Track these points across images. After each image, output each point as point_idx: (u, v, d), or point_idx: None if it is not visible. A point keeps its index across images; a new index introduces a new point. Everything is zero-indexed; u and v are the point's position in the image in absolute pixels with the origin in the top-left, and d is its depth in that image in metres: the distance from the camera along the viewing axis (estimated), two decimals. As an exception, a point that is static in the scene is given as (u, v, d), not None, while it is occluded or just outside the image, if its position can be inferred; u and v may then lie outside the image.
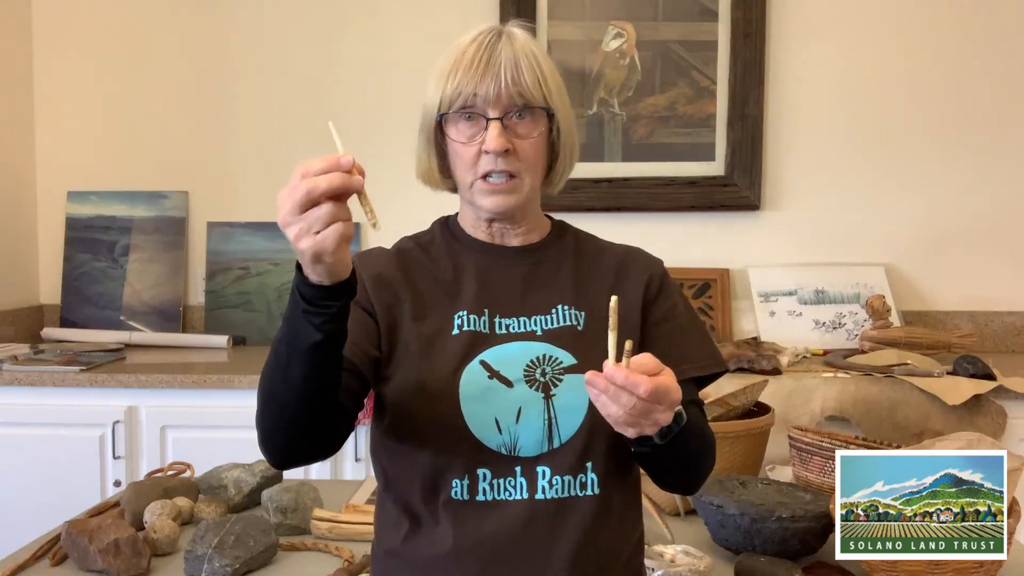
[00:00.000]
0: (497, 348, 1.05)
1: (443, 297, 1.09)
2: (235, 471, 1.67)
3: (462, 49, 1.07)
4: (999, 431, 2.15)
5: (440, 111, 1.08)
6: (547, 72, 1.08)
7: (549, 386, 1.03)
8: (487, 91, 1.04)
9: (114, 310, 2.85)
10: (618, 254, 1.17)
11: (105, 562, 1.30)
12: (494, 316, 1.08)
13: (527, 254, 1.13)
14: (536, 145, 1.07)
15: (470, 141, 1.06)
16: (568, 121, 1.12)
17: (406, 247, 1.15)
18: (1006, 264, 2.76)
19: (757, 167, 2.76)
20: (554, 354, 1.05)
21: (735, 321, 2.76)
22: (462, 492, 1.02)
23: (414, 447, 1.03)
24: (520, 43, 1.07)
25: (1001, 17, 2.73)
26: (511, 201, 1.07)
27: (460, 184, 1.11)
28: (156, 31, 2.90)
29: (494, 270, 1.11)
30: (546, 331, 1.07)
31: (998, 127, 2.74)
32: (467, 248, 1.13)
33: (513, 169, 1.06)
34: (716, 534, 1.43)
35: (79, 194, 2.91)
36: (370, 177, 0.92)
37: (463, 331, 1.05)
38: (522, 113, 1.06)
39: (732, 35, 2.75)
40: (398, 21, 2.83)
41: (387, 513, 1.09)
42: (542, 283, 1.11)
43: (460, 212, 1.17)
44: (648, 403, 0.86)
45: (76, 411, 2.30)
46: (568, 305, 1.10)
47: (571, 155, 1.15)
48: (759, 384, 1.79)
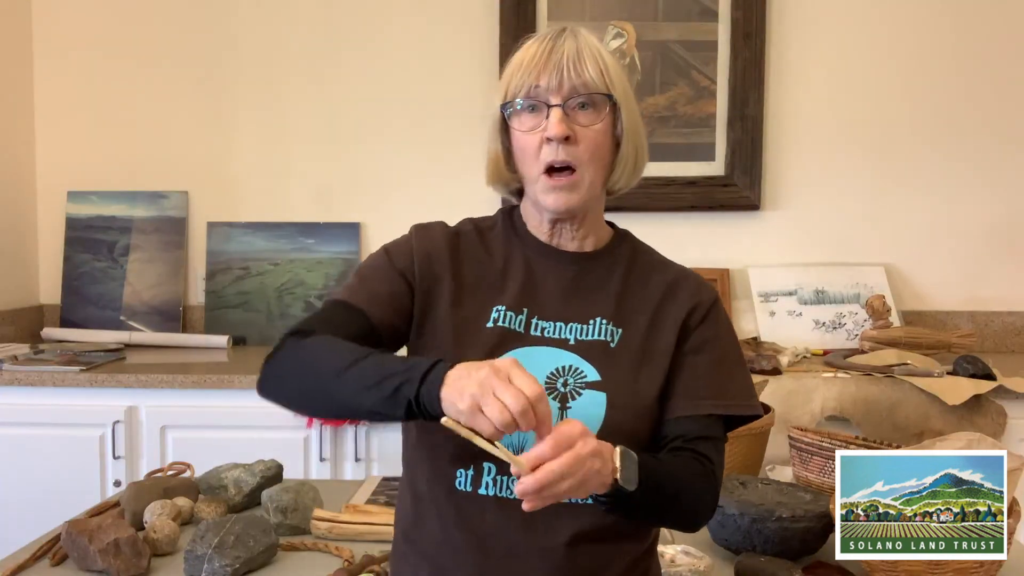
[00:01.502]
0: (526, 349, 1.05)
1: (486, 288, 1.09)
2: (235, 471, 1.67)
3: (527, 47, 1.08)
4: (999, 431, 2.15)
5: (504, 102, 1.08)
6: (611, 65, 1.07)
7: (568, 398, 1.03)
8: (549, 81, 1.04)
9: (114, 310, 2.85)
10: (671, 274, 1.14)
11: (105, 562, 1.30)
12: (532, 316, 1.07)
13: (579, 260, 1.12)
14: (598, 135, 1.06)
15: (532, 131, 1.06)
16: (634, 117, 1.10)
17: (465, 229, 1.15)
18: (1006, 264, 2.76)
19: (757, 167, 2.76)
20: (580, 366, 1.04)
21: (735, 321, 2.76)
22: (466, 483, 1.02)
23: (428, 429, 1.01)
24: (584, 38, 1.07)
25: (1001, 17, 2.73)
26: (572, 200, 1.06)
27: (526, 179, 1.10)
28: (156, 31, 2.90)
29: (542, 270, 1.11)
30: (579, 342, 1.06)
31: (998, 127, 2.74)
32: (524, 243, 1.13)
33: (574, 160, 1.05)
34: (716, 534, 1.43)
35: (79, 194, 2.91)
36: (367, 176, 0.91)
37: (497, 326, 1.05)
38: (584, 104, 1.05)
39: (732, 35, 2.75)
40: (398, 22, 2.83)
41: (403, 494, 1.11)
42: (586, 292, 1.10)
43: (524, 207, 1.16)
44: (584, 469, 0.88)
45: (76, 411, 2.30)
46: (606, 319, 1.08)
47: (637, 153, 1.12)
48: (759, 384, 1.79)
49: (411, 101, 2.82)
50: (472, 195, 1.74)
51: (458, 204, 1.68)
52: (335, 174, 2.85)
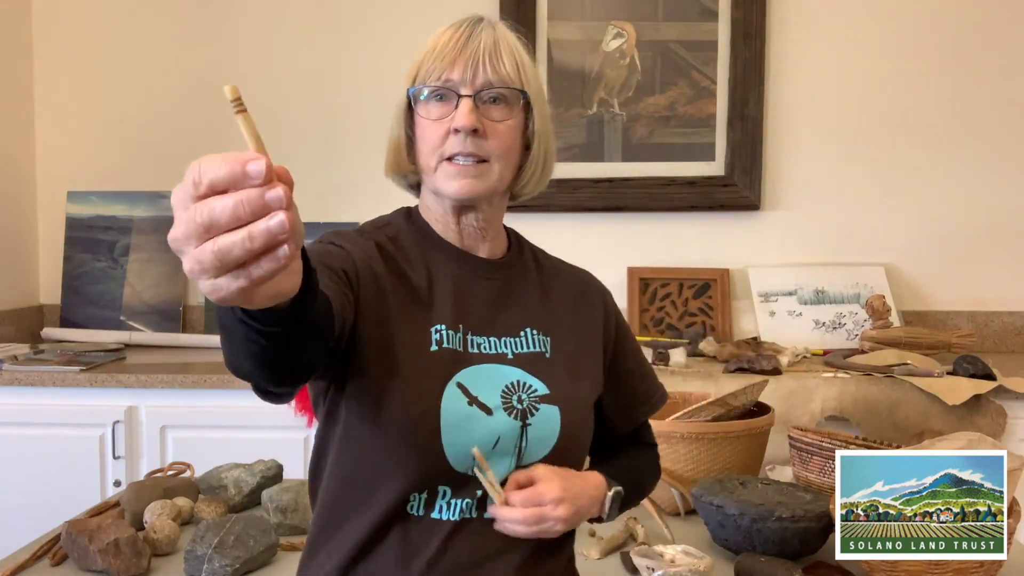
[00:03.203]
0: (472, 369, 1.00)
1: (418, 305, 1.01)
2: (235, 471, 1.67)
3: (441, 32, 1.03)
4: (999, 431, 2.15)
5: (413, 86, 1.02)
6: (527, 63, 1.03)
7: (527, 414, 1.00)
8: (463, 72, 0.99)
9: (114, 310, 2.85)
10: (574, 276, 1.15)
11: (105, 562, 1.30)
12: (467, 333, 1.02)
13: (496, 268, 1.08)
14: (509, 130, 1.01)
15: (439, 120, 1.00)
16: (546, 120, 1.06)
17: (379, 240, 1.04)
18: (1006, 264, 2.76)
19: (757, 167, 2.76)
20: (528, 381, 1.02)
21: (735, 321, 2.76)
22: (419, 507, 0.97)
23: (374, 462, 0.96)
24: (501, 31, 1.02)
25: (1000, 17, 2.73)
26: (478, 187, 1.00)
27: (424, 170, 1.03)
28: (156, 31, 2.90)
29: (466, 282, 1.05)
30: (517, 355, 1.04)
31: (998, 127, 2.74)
32: (439, 251, 1.06)
33: (483, 153, 0.99)
34: (716, 534, 1.43)
35: (79, 194, 2.91)
36: (366, 180, 0.90)
37: (442, 348, 0.99)
38: (497, 98, 1.00)
39: (732, 35, 2.75)
40: (397, 21, 2.83)
41: (330, 532, 1.01)
42: (511, 302, 1.07)
43: (423, 205, 1.10)
44: (544, 525, 0.96)
45: (76, 411, 2.30)
46: (535, 329, 1.06)
47: (546, 157, 1.08)
48: (759, 384, 1.79)
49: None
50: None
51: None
52: (335, 174, 2.85)
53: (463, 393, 0.97)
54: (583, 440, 1.08)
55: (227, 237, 0.53)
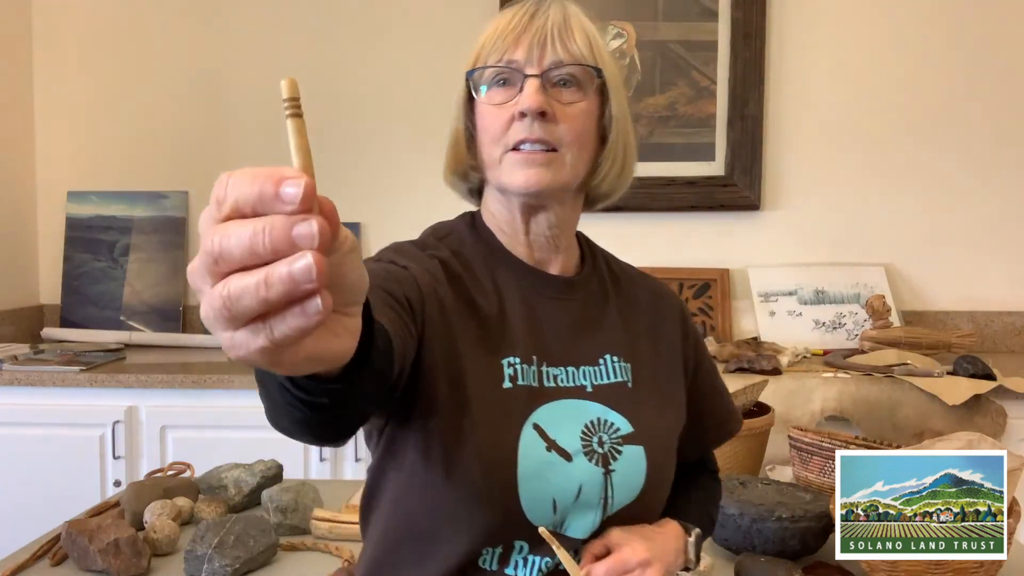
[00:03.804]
0: (548, 407, 0.88)
1: (488, 335, 0.89)
2: (235, 471, 1.67)
3: (503, 12, 0.92)
4: (999, 431, 2.15)
5: (473, 68, 0.91)
6: (601, 43, 0.91)
7: (608, 459, 0.89)
8: (528, 50, 0.87)
9: (114, 310, 2.85)
10: (650, 288, 1.03)
11: (105, 562, 1.30)
12: (542, 364, 0.90)
13: (573, 288, 0.96)
14: (582, 115, 0.89)
15: (503, 104, 0.88)
16: (624, 107, 0.93)
17: (443, 256, 0.91)
18: (1006, 264, 2.76)
19: (757, 167, 2.76)
20: (609, 419, 0.90)
21: (735, 321, 2.76)
22: (491, 562, 0.87)
23: (442, 511, 0.86)
24: (572, 8, 0.91)
25: (1000, 17, 2.73)
26: (547, 178, 0.87)
27: (487, 165, 0.91)
28: (156, 31, 2.90)
29: (540, 305, 0.93)
30: (596, 387, 0.92)
31: (998, 127, 2.74)
32: (507, 268, 0.94)
33: (552, 140, 0.87)
34: (716, 534, 1.43)
35: (79, 194, 2.91)
36: (368, 180, 0.86)
37: (516, 385, 0.87)
38: (567, 81, 0.88)
39: (732, 35, 2.75)
40: (398, 22, 2.83)
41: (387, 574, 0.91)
42: (588, 325, 0.95)
43: (486, 211, 0.97)
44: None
45: (76, 411, 2.30)
46: (616, 355, 0.94)
47: (626, 151, 0.94)
48: (759, 384, 1.79)
49: (411, 102, 2.82)
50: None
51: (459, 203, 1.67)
52: (335, 174, 2.85)
53: (541, 436, 0.86)
54: (669, 480, 0.97)
55: (239, 280, 0.41)
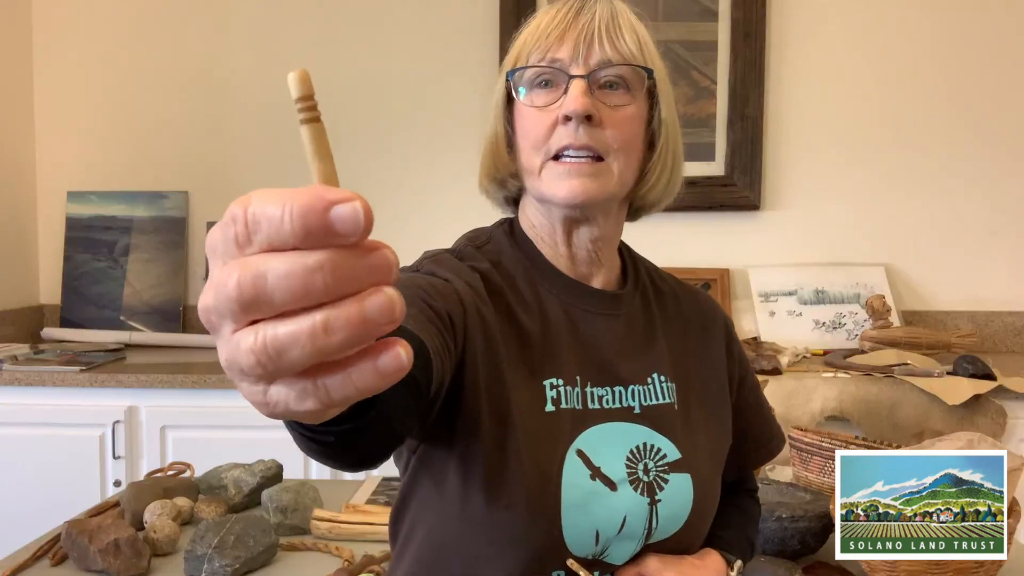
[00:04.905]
0: (593, 431, 0.83)
1: (530, 354, 0.83)
2: (235, 471, 1.67)
3: (544, 11, 0.86)
4: (999, 431, 2.15)
5: (513, 68, 0.85)
6: (650, 42, 0.86)
7: (655, 488, 0.84)
8: (573, 48, 0.81)
9: (114, 310, 2.85)
10: (694, 301, 0.98)
11: (105, 562, 1.30)
12: (586, 385, 0.85)
13: (618, 303, 0.91)
14: (630, 120, 0.83)
15: (545, 107, 0.83)
16: (672, 111, 0.88)
17: (483, 268, 0.85)
18: (1006, 264, 2.76)
19: (757, 167, 2.76)
20: (656, 443, 0.86)
21: (735, 321, 2.75)
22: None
23: (481, 537, 0.81)
24: (619, 5, 0.86)
25: (1000, 18, 2.73)
26: (593, 189, 0.82)
27: (527, 172, 0.86)
28: (156, 31, 2.90)
29: (583, 323, 0.88)
30: (645, 408, 0.87)
31: (998, 127, 2.74)
32: (549, 282, 0.88)
33: (599, 147, 0.82)
34: (716, 534, 1.43)
35: (79, 194, 2.91)
36: (369, 181, 0.83)
37: (559, 408, 0.82)
38: (614, 83, 0.83)
39: (732, 35, 2.75)
40: (398, 22, 2.83)
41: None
42: (634, 343, 0.90)
43: (525, 220, 0.91)
44: None
45: (76, 411, 2.30)
46: (663, 375, 0.89)
47: (674, 157, 0.89)
48: (759, 384, 1.79)
49: (410, 103, 2.82)
50: (471, 197, 1.73)
51: (460, 206, 1.67)
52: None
53: (584, 464, 0.82)
54: (714, 509, 0.93)
55: (283, 327, 0.33)
